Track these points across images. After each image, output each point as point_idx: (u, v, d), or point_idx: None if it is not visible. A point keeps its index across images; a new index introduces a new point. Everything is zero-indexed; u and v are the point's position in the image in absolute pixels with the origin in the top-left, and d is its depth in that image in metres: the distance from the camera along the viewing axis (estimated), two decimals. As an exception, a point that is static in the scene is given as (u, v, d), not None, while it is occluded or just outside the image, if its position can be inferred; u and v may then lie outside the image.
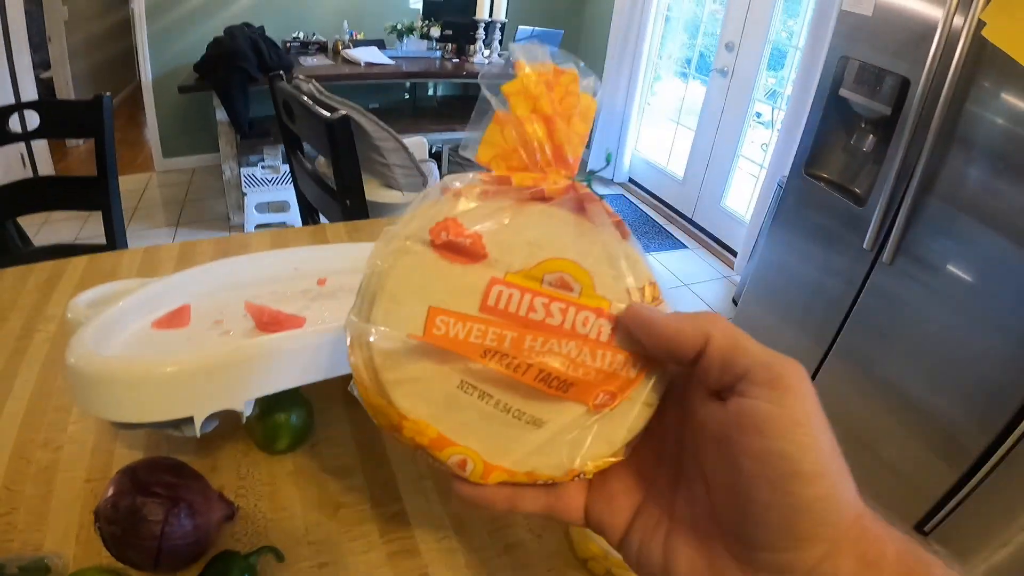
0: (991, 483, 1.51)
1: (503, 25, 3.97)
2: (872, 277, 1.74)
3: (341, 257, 0.85)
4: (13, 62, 3.69)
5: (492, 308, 0.33)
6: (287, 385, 0.55)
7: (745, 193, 3.47)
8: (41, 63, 4.53)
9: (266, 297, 0.71)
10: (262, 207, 3.41)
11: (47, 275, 1.02)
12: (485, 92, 0.36)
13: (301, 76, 1.76)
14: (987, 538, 1.53)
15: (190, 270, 0.74)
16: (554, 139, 0.36)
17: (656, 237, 3.74)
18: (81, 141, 4.44)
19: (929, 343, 1.62)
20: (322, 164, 1.89)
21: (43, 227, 3.32)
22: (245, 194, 3.35)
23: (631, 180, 4.48)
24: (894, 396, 1.73)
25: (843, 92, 1.78)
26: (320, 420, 0.71)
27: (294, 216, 3.44)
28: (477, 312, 0.33)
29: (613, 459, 0.35)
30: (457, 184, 0.36)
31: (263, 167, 3.44)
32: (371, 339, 0.33)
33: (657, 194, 4.22)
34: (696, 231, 3.79)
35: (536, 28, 4.06)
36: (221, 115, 3.22)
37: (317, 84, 1.73)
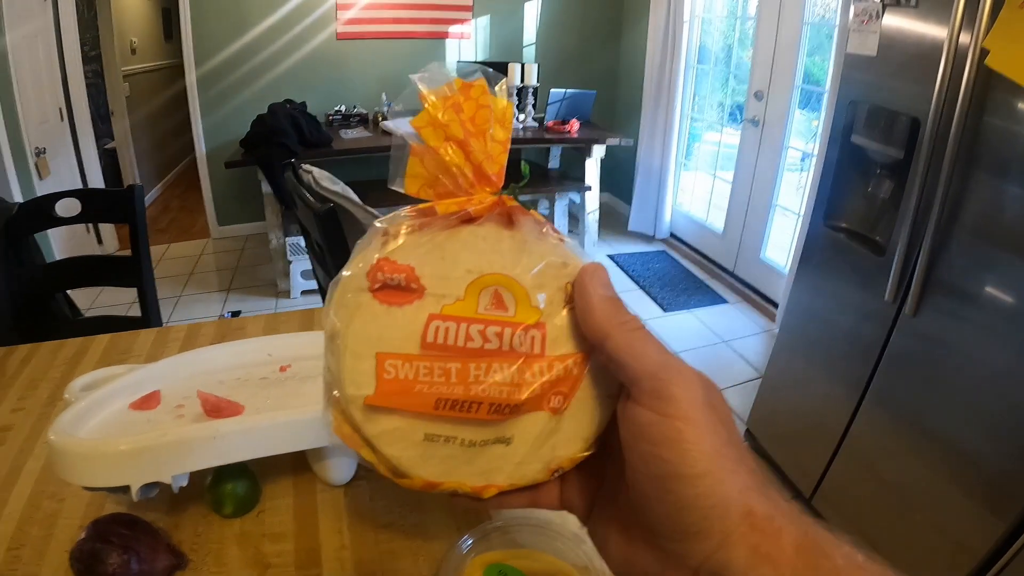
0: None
1: (535, 90, 4.06)
2: (897, 327, 1.69)
3: (311, 343, 0.94)
4: (77, 136, 3.96)
5: (432, 344, 0.34)
6: (209, 464, 0.67)
7: (784, 243, 3.43)
8: (106, 134, 4.86)
9: (229, 383, 0.81)
10: (307, 274, 3.55)
11: (75, 350, 1.15)
12: (395, 128, 0.39)
13: (304, 167, 1.88)
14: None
15: (172, 358, 0.85)
16: (472, 160, 0.37)
17: (696, 293, 3.73)
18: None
19: (967, 385, 1.52)
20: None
21: (100, 296, 3.51)
22: (291, 262, 3.49)
23: (673, 235, 4.48)
24: (933, 444, 1.63)
25: (855, 139, 1.77)
26: (268, 491, 0.80)
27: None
28: (420, 350, 0.34)
29: (586, 453, 0.37)
30: (384, 224, 0.38)
31: (307, 236, 3.58)
32: (346, 399, 0.35)
33: (699, 248, 4.21)
34: (738, 284, 3.75)
35: (568, 90, 4.13)
36: (266, 187, 3.38)
37: (316, 175, 1.85)
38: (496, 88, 0.38)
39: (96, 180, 4.21)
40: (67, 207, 1.70)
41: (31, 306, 1.71)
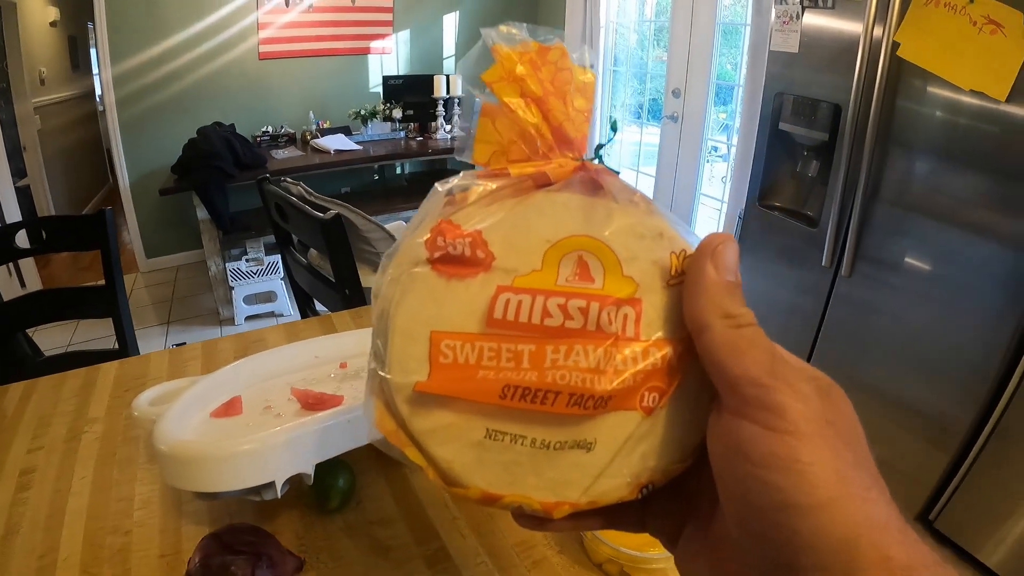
0: (984, 461, 1.59)
1: (460, 100, 4.14)
2: (835, 290, 1.86)
3: (354, 343, 0.95)
4: None
5: (501, 321, 0.29)
6: (341, 451, 0.67)
7: (710, 229, 3.62)
8: (17, 172, 4.66)
9: (301, 383, 0.81)
10: (250, 299, 3.51)
11: (81, 382, 1.10)
12: (466, 87, 0.33)
13: (289, 179, 1.88)
14: (991, 517, 1.60)
15: (229, 367, 0.84)
16: (551, 120, 0.32)
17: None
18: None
19: (902, 339, 1.72)
20: (315, 256, 1.99)
21: (34, 335, 3.38)
22: (232, 287, 3.44)
23: (599, 230, 4.61)
24: (877, 397, 1.84)
25: (783, 126, 1.94)
26: (361, 480, 0.81)
27: (282, 304, 3.55)
28: (485, 329, 0.29)
29: (682, 465, 0.31)
30: (447, 185, 0.33)
31: (247, 260, 3.54)
32: (391, 387, 0.30)
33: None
34: (669, 271, 3.91)
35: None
36: (202, 213, 3.33)
37: (305, 186, 1.86)
38: (576, 56, 0.34)
39: (14, 219, 4.04)
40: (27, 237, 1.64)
41: None
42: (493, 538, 0.73)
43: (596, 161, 0.34)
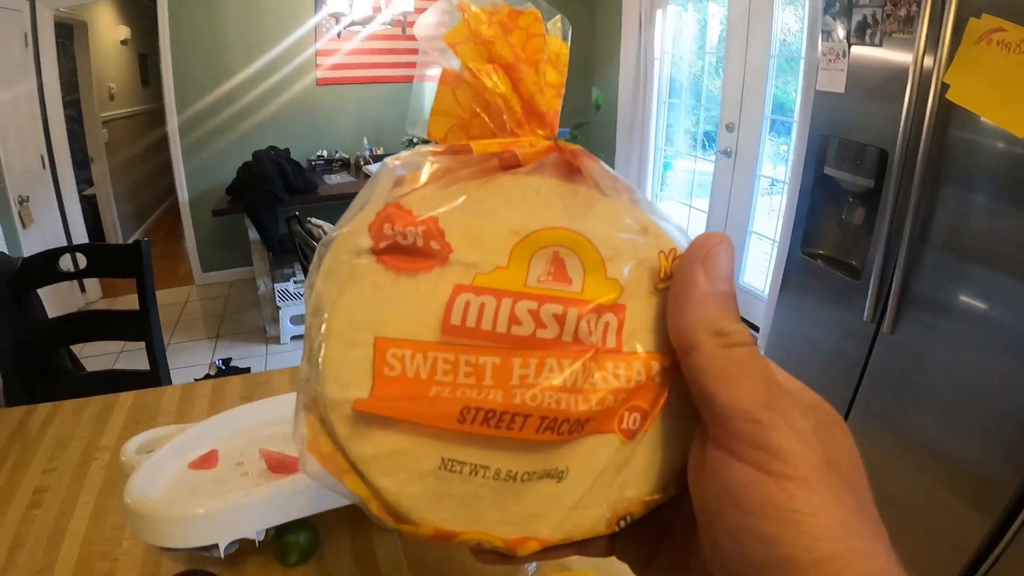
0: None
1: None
2: (877, 343, 1.77)
3: None
4: (58, 183, 3.98)
5: (460, 327, 0.25)
6: (289, 518, 0.70)
7: (762, 267, 3.53)
8: (85, 180, 4.89)
9: (278, 438, 0.85)
10: (296, 319, 3.58)
11: (99, 409, 1.16)
12: (423, 49, 0.28)
13: (312, 220, 1.92)
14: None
15: (219, 416, 0.88)
16: (521, 91, 0.27)
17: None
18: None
19: (949, 392, 1.60)
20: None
21: (88, 344, 3.51)
22: (280, 308, 3.52)
23: (649, 267, 4.55)
24: (919, 452, 1.68)
25: (828, 170, 1.86)
26: (325, 538, 0.83)
27: (327, 327, 3.58)
28: (440, 336, 0.25)
29: (664, 495, 0.27)
30: (398, 161, 0.28)
31: (295, 282, 3.62)
32: (326, 403, 0.25)
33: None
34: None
35: (545, 128, 4.23)
36: (253, 234, 3.42)
37: (325, 228, 1.88)
38: (549, 25, 0.29)
39: (78, 226, 4.23)
40: (70, 262, 1.74)
41: (34, 360, 1.72)
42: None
43: (572, 140, 0.30)
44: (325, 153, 4.24)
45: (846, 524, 0.21)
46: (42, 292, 1.77)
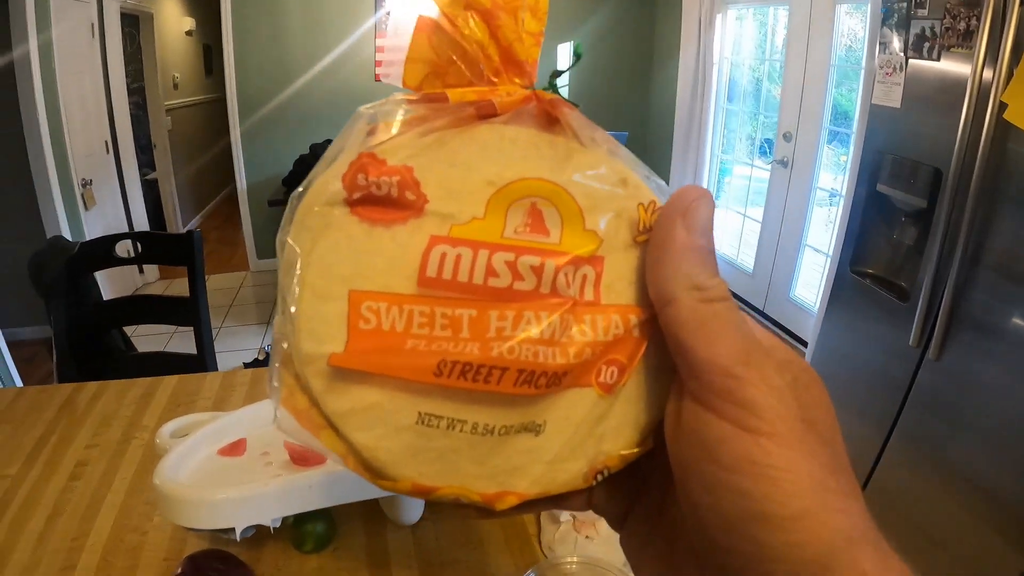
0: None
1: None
2: (923, 368, 1.72)
3: None
4: (121, 167, 4.13)
5: (436, 279, 0.24)
6: (302, 510, 0.73)
7: (813, 281, 3.45)
8: (147, 165, 5.05)
9: None
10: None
11: (143, 391, 1.21)
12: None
13: None
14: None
15: (250, 407, 0.92)
16: (499, 39, 0.27)
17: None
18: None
19: (993, 422, 1.55)
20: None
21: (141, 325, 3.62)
22: (329, 299, 3.56)
23: (703, 275, 4.48)
24: (959, 483, 1.66)
25: (880, 187, 1.82)
26: (342, 528, 0.85)
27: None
28: (416, 289, 0.24)
29: (642, 449, 0.27)
30: (371, 110, 0.27)
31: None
32: (300, 357, 0.25)
33: (729, 287, 4.19)
34: (767, 323, 3.75)
35: (600, 130, 4.19)
36: (308, 225, 3.46)
37: None
38: None
39: (139, 211, 4.37)
40: (126, 248, 1.80)
41: (87, 339, 1.80)
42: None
43: (550, 90, 0.28)
44: (384, 149, 4.27)
45: (822, 481, 0.21)
46: (102, 271, 1.84)
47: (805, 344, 3.38)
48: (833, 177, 3.43)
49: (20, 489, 0.92)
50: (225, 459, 0.82)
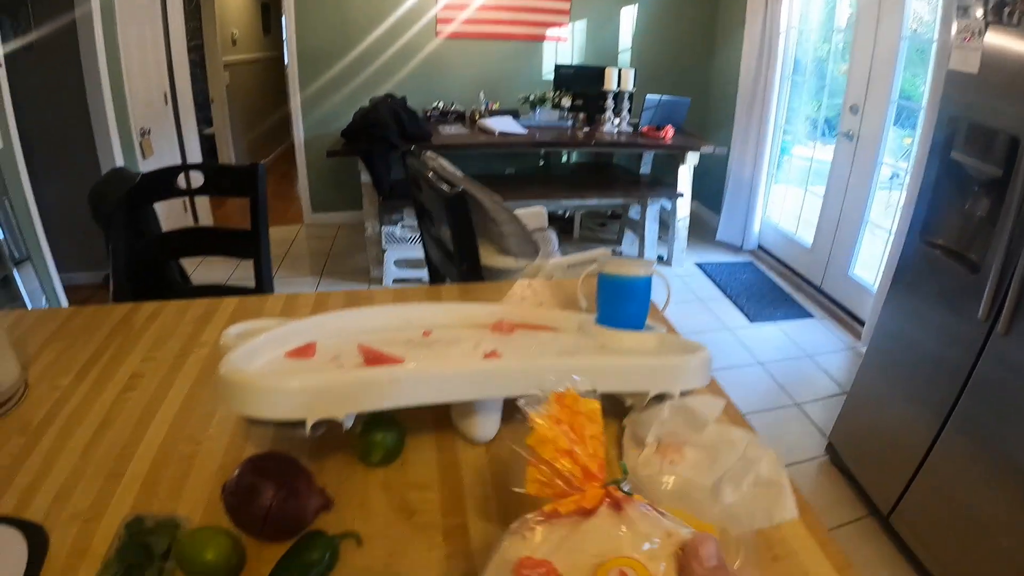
0: None
1: (631, 95, 4.08)
2: (988, 347, 1.67)
3: (445, 313, 0.99)
4: (179, 120, 4.18)
5: None
6: (376, 407, 0.70)
7: (873, 260, 3.37)
8: (204, 120, 5.12)
9: (377, 342, 0.84)
10: (400, 263, 3.66)
11: (203, 310, 1.21)
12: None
13: (430, 153, 1.93)
14: None
15: (321, 315, 0.90)
16: (579, 463, 0.51)
17: (782, 306, 3.67)
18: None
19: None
20: (445, 231, 2.06)
21: (200, 267, 3.68)
22: (385, 250, 3.61)
23: (760, 247, 4.42)
24: (1015, 475, 1.58)
25: (955, 155, 1.75)
26: (411, 443, 0.82)
27: (430, 273, 3.68)
28: None
29: None
30: (516, 525, 0.52)
31: (402, 226, 3.70)
32: None
33: (786, 262, 4.13)
34: (825, 300, 3.68)
35: (664, 96, 4.12)
36: (365, 177, 3.48)
37: (442, 161, 1.90)
38: (580, 390, 0.56)
39: (194, 160, 4.44)
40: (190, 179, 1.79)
41: (146, 271, 1.80)
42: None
43: (615, 485, 0.53)
44: (441, 104, 4.26)
45: None
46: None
47: (862, 322, 3.33)
48: (895, 160, 3.33)
49: (70, 401, 0.91)
50: (293, 360, 0.80)
